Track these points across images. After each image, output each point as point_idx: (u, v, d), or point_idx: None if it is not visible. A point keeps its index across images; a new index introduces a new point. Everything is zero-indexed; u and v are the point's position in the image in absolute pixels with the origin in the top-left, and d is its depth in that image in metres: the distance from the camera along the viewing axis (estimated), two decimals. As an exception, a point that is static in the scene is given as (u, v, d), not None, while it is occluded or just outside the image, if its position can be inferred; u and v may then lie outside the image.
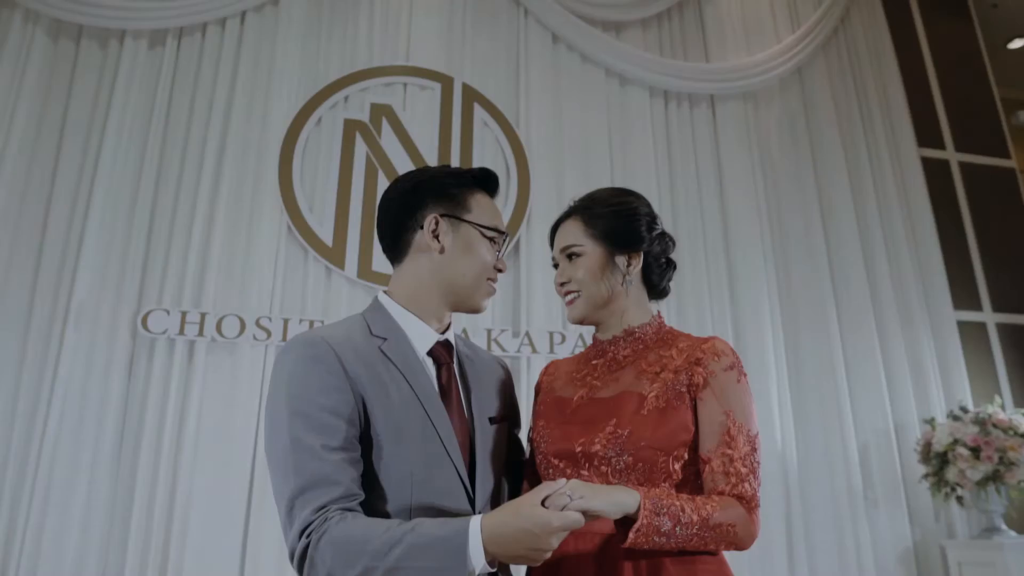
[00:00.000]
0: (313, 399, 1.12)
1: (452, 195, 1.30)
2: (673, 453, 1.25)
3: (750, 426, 1.28)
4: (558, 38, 4.40)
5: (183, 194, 3.61)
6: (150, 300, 3.43)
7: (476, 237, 1.30)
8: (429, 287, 1.29)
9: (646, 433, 1.24)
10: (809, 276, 4.31)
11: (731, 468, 1.24)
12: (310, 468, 1.08)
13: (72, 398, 3.21)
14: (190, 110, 3.76)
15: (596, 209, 1.41)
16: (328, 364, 1.15)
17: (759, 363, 4.05)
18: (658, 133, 4.38)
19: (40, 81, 3.61)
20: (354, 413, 1.14)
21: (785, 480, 3.92)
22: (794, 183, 4.48)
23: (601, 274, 1.38)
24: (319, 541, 1.04)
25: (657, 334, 1.40)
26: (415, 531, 1.04)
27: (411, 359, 1.24)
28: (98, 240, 3.44)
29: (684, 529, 1.15)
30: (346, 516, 1.06)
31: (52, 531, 3.05)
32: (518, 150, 4.15)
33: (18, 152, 3.48)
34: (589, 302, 1.39)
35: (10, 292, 3.31)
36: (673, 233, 4.57)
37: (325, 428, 1.11)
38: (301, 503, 1.07)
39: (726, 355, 1.31)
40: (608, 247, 1.39)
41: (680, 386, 1.29)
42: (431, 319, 1.30)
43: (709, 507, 1.19)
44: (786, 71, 4.60)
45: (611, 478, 1.25)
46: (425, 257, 1.29)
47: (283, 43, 3.97)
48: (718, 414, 1.27)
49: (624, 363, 1.37)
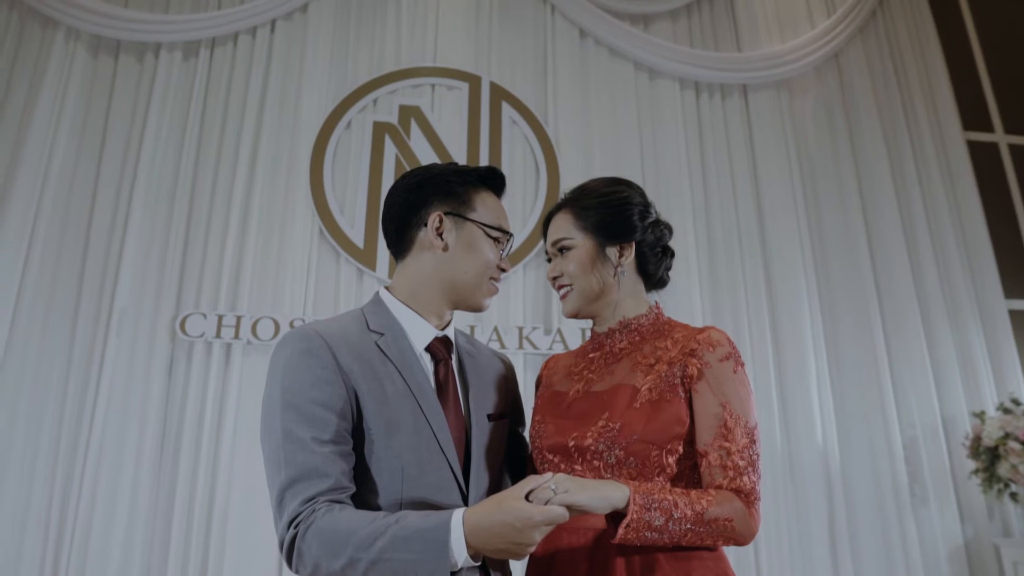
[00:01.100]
0: (305, 392, 1.14)
1: (457, 193, 1.30)
2: (666, 447, 1.22)
3: (748, 417, 1.24)
4: (585, 33, 4.37)
5: (218, 200, 3.70)
6: (188, 304, 3.52)
7: (480, 236, 1.30)
8: (431, 284, 1.30)
9: (638, 426, 1.22)
10: (849, 268, 4.19)
11: (728, 461, 1.21)
12: (300, 460, 1.10)
13: (115, 401, 3.32)
14: (223, 118, 3.85)
15: (586, 201, 1.39)
16: (321, 358, 1.16)
17: (798, 358, 3.96)
18: (689, 126, 4.31)
19: (82, 95, 3.75)
20: (346, 407, 1.15)
21: (827, 477, 3.81)
22: (832, 173, 4.36)
23: (592, 267, 1.36)
24: (306, 532, 1.06)
25: (654, 325, 1.38)
26: (399, 523, 1.04)
27: (407, 355, 1.24)
28: (138, 247, 3.55)
29: (677, 524, 1.13)
30: (333, 508, 1.07)
31: (99, 528, 3.17)
32: (547, 147, 4.14)
33: (62, 164, 3.62)
34: (581, 296, 1.37)
35: (56, 300, 3.44)
36: (706, 229, 4.47)
37: (316, 421, 1.12)
38: (291, 494, 1.09)
39: (721, 345, 1.28)
40: (599, 239, 1.37)
41: (674, 378, 1.26)
42: (431, 316, 1.30)
43: (704, 502, 1.16)
44: (822, 57, 4.47)
45: (603, 472, 1.23)
46: (428, 254, 1.29)
47: (312, 49, 4.04)
48: (714, 406, 1.24)
49: (620, 356, 1.36)
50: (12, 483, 3.18)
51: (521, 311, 3.82)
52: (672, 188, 4.13)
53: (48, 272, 3.47)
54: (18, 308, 3.37)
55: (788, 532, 3.69)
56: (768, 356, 3.94)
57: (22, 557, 3.12)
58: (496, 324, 3.73)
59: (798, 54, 4.42)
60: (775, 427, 3.82)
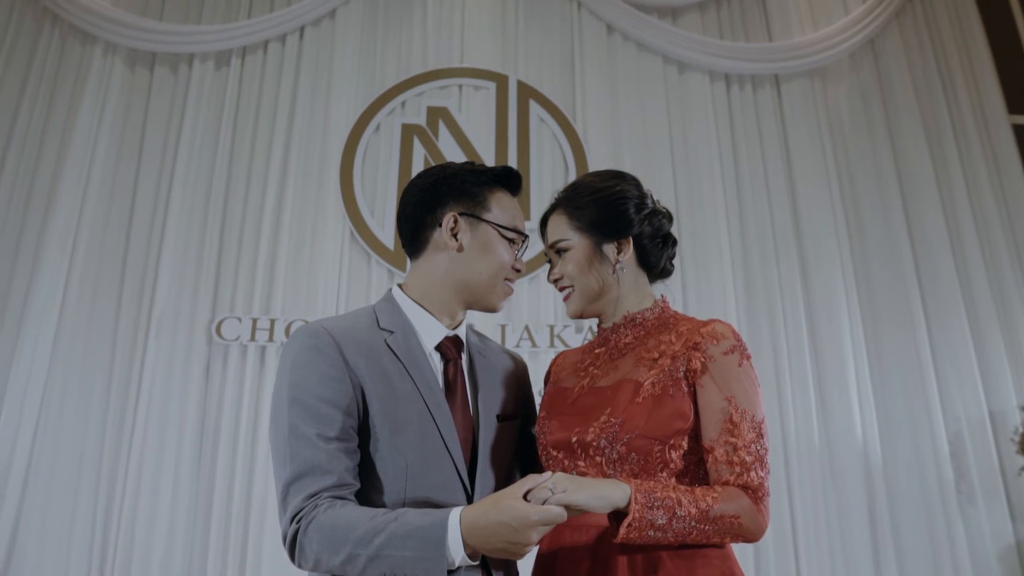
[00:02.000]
0: (312, 389, 1.14)
1: (472, 194, 1.29)
2: (669, 442, 1.20)
3: (755, 411, 1.21)
4: (613, 28, 4.33)
5: (250, 206, 3.78)
6: (223, 309, 3.60)
7: (495, 237, 1.29)
8: (444, 284, 1.29)
9: (639, 422, 1.20)
10: (889, 260, 4.06)
11: (735, 457, 1.18)
12: (304, 456, 1.11)
13: (155, 403, 3.42)
14: (255, 125, 3.93)
15: (579, 199, 1.37)
16: (329, 355, 1.17)
17: (836, 354, 3.87)
18: (720, 119, 4.24)
19: (120, 106, 3.87)
20: (352, 404, 1.15)
21: (867, 475, 3.71)
22: (869, 163, 4.24)
23: (589, 266, 1.34)
24: (307, 527, 1.07)
25: (659, 319, 1.35)
26: (398, 520, 1.05)
27: (416, 353, 1.24)
28: (174, 253, 3.65)
29: (681, 523, 1.11)
30: (335, 504, 1.08)
31: (142, 527, 3.27)
32: (576, 144, 4.12)
33: (102, 174, 3.75)
34: (583, 296, 1.35)
35: (98, 307, 3.56)
36: (739, 222, 4.40)
37: (322, 418, 1.13)
38: (295, 490, 1.10)
39: (726, 338, 1.25)
40: (595, 238, 1.34)
41: (677, 372, 1.24)
42: (443, 315, 1.30)
43: (710, 499, 1.14)
44: (857, 44, 4.35)
45: (606, 468, 1.21)
46: (443, 255, 1.29)
47: (340, 54, 4.10)
48: (719, 400, 1.21)
49: (625, 351, 1.33)
50: (60, 483, 3.30)
51: (552, 310, 3.81)
52: (704, 183, 4.08)
53: (90, 279, 3.59)
54: (63, 315, 3.50)
55: (828, 532, 3.60)
56: (805, 352, 3.86)
57: (70, 555, 3.23)
58: (527, 323, 3.73)
59: (832, 41, 4.31)
60: (813, 424, 3.74)
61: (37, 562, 3.20)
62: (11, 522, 3.22)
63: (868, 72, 4.42)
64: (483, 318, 3.60)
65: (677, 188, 4.06)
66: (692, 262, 3.94)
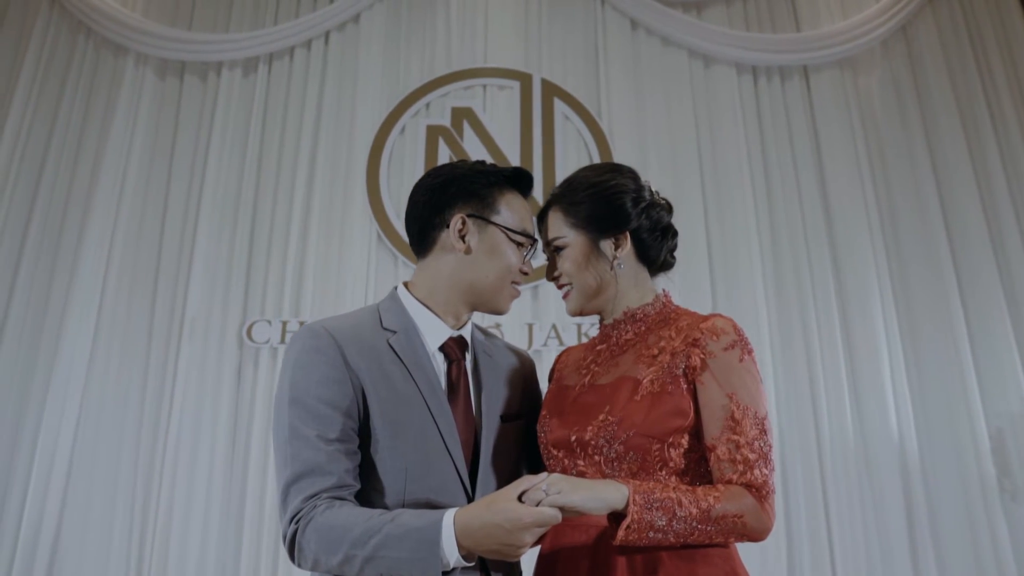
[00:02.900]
0: (312, 390, 1.15)
1: (481, 195, 1.29)
2: (667, 440, 1.18)
3: (757, 408, 1.19)
4: (637, 24, 4.29)
5: (279, 210, 3.84)
6: (254, 312, 3.66)
7: (503, 240, 1.28)
8: (450, 286, 1.29)
9: (636, 420, 1.19)
10: (925, 251, 3.94)
11: (738, 455, 1.16)
12: (304, 457, 1.12)
13: (189, 405, 3.49)
14: (282, 130, 3.99)
15: (573, 196, 1.35)
16: (329, 356, 1.17)
17: (871, 350, 3.76)
18: (748, 113, 4.16)
19: (151, 115, 3.97)
20: (353, 405, 1.16)
21: (904, 472, 3.60)
22: (903, 154, 4.11)
23: (586, 264, 1.32)
24: (306, 528, 1.08)
25: (660, 314, 1.33)
26: (394, 521, 1.05)
27: (419, 354, 1.24)
28: (206, 258, 3.72)
29: (682, 523, 1.09)
30: (333, 504, 1.09)
31: (178, 527, 3.35)
32: (601, 142, 4.09)
33: (136, 181, 3.84)
34: (581, 294, 1.34)
35: (133, 312, 3.65)
36: (769, 218, 4.30)
37: (322, 419, 1.13)
38: (295, 491, 1.11)
39: (726, 333, 1.23)
40: (591, 234, 1.32)
41: (676, 369, 1.22)
42: (447, 316, 1.30)
43: (711, 498, 1.12)
44: (888, 31, 4.22)
45: (604, 467, 1.20)
46: (450, 256, 1.29)
47: (365, 57, 4.13)
48: (720, 397, 1.19)
49: (625, 347, 1.32)
50: (99, 485, 3.40)
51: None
52: (731, 177, 4.01)
53: (125, 284, 3.68)
54: (99, 319, 3.60)
55: (865, 531, 3.52)
56: (838, 350, 3.75)
57: (110, 554, 3.32)
58: (554, 321, 3.71)
59: (863, 29, 4.19)
60: (847, 420, 3.65)
61: (78, 561, 3.30)
62: (55, 521, 3.33)
63: (901, 60, 4.29)
64: (510, 316, 3.61)
65: (704, 183, 4.01)
66: (720, 259, 3.88)
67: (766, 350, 3.71)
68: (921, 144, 4.11)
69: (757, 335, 3.72)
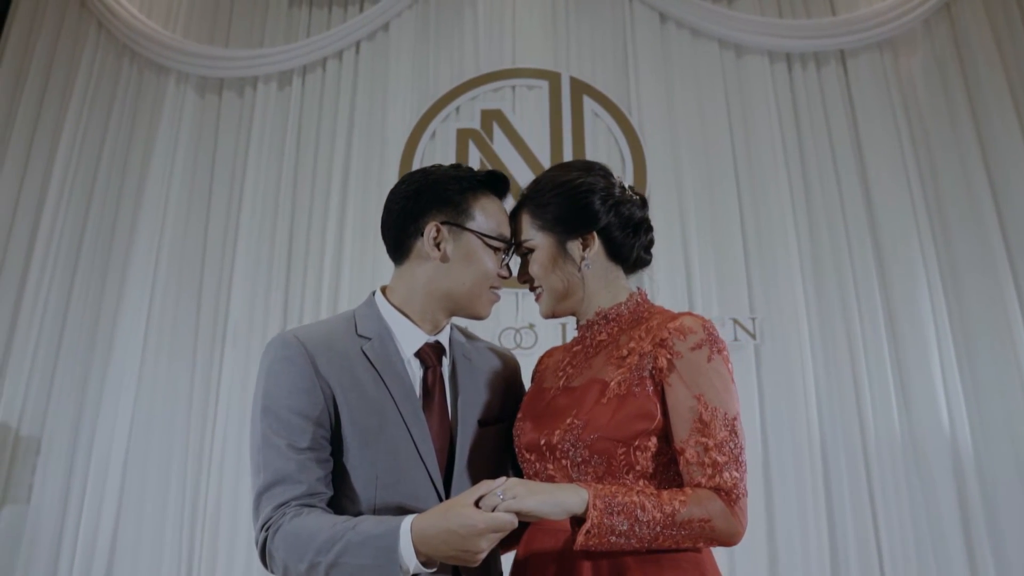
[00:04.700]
0: (283, 400, 1.18)
1: (455, 202, 1.29)
2: (633, 443, 1.16)
3: (727, 408, 1.16)
4: (666, 16, 4.21)
5: (315, 219, 3.94)
6: (293, 318, 3.77)
7: (478, 246, 1.28)
8: (427, 293, 1.29)
9: (601, 423, 1.17)
10: (976, 244, 3.71)
11: (707, 458, 1.13)
12: (275, 466, 1.15)
13: (233, 408, 3.63)
14: (316, 140, 4.09)
15: (540, 198, 1.33)
16: (299, 366, 1.19)
17: (919, 342, 3.60)
18: (782, 102, 4.03)
19: (192, 132, 4.13)
20: (323, 415, 1.18)
21: (957, 466, 3.43)
22: (949, 139, 3.90)
23: (553, 266, 1.31)
24: (275, 536, 1.12)
25: (633, 314, 1.30)
26: (356, 528, 1.07)
27: (394, 361, 1.25)
28: (246, 266, 3.86)
29: (644, 528, 1.08)
30: (301, 512, 1.11)
31: (226, 526, 3.50)
32: (632, 137, 4.05)
33: (179, 195, 4.01)
34: (551, 296, 1.33)
35: (179, 319, 3.81)
36: (806, 211, 4.16)
37: (293, 428, 1.16)
38: (266, 499, 1.15)
39: (694, 332, 1.19)
40: (558, 235, 1.31)
41: (643, 370, 1.19)
42: (424, 322, 1.30)
43: (677, 502, 1.10)
44: (930, 9, 4.01)
45: (571, 471, 1.19)
46: (426, 263, 1.29)
47: (395, 65, 4.19)
48: (687, 399, 1.16)
49: (599, 349, 1.29)
50: (152, 488, 3.57)
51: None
52: (767, 171, 3.89)
53: (172, 293, 3.85)
54: (148, 327, 3.78)
55: (916, 536, 3.35)
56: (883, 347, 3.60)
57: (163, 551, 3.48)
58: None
59: (903, 8, 4.00)
60: (893, 418, 3.51)
61: (134, 558, 3.48)
62: (112, 519, 3.52)
63: (944, 39, 4.07)
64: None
65: (739, 177, 3.91)
66: (757, 255, 3.77)
67: (806, 346, 3.60)
68: (969, 129, 3.89)
69: (797, 332, 3.62)
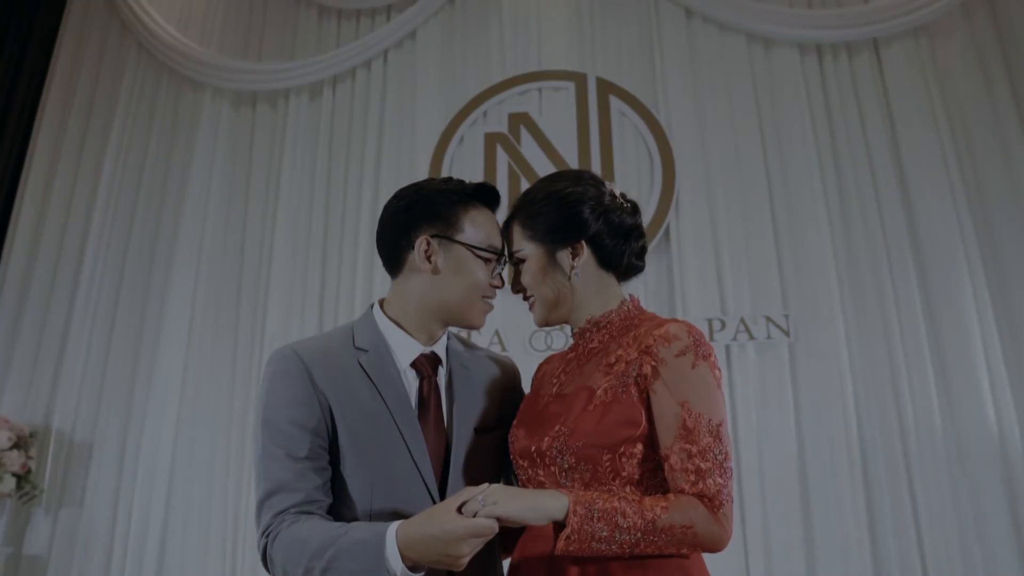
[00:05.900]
0: (282, 412, 1.23)
1: (444, 215, 1.32)
2: (618, 450, 1.17)
3: (711, 415, 1.16)
4: (692, 12, 4.16)
5: (347, 226, 4.03)
6: (328, 326, 3.87)
7: (468, 257, 1.31)
8: (421, 305, 1.33)
9: (587, 430, 1.19)
10: (1018, 229, 3.55)
11: (690, 464, 1.14)
12: (275, 475, 1.20)
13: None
14: (347, 148, 4.19)
15: (529, 208, 1.35)
16: (297, 379, 1.24)
17: (961, 336, 3.48)
18: (813, 95, 3.94)
19: (228, 145, 4.28)
20: (320, 425, 1.23)
21: (1006, 466, 3.30)
22: (990, 128, 3.75)
23: (544, 276, 1.33)
24: (274, 542, 1.17)
25: (624, 321, 1.31)
26: (347, 535, 1.11)
27: (390, 372, 1.29)
28: (281, 277, 3.98)
29: (625, 534, 1.09)
30: (299, 519, 1.16)
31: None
32: (659, 136, 4.02)
33: (217, 206, 4.16)
34: (543, 305, 1.35)
35: (220, 327, 3.95)
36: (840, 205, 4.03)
37: (291, 439, 1.21)
38: (267, 507, 1.20)
39: (679, 339, 1.20)
40: (548, 245, 1.32)
41: (629, 378, 1.21)
42: (420, 333, 1.34)
43: (658, 508, 1.11)
44: (969, -9, 3.90)
45: (559, 478, 1.21)
46: (419, 276, 1.33)
47: (423, 72, 4.25)
48: (671, 406, 1.17)
49: (591, 356, 1.31)
50: (197, 488, 3.72)
51: (644, 302, 3.72)
52: (799, 166, 3.81)
53: (212, 302, 4.00)
54: (191, 337, 3.93)
55: (960, 536, 3.25)
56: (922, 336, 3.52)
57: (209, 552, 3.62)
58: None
59: (940, -8, 3.89)
60: (935, 410, 3.40)
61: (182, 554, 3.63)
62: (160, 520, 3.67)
63: (984, 23, 3.91)
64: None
65: (769, 173, 3.84)
66: (791, 253, 3.69)
67: (841, 343, 3.53)
68: (1011, 116, 3.74)
69: (832, 328, 3.55)
